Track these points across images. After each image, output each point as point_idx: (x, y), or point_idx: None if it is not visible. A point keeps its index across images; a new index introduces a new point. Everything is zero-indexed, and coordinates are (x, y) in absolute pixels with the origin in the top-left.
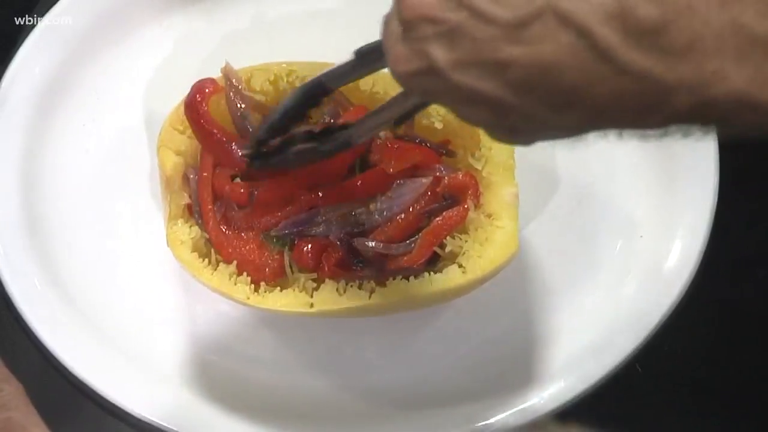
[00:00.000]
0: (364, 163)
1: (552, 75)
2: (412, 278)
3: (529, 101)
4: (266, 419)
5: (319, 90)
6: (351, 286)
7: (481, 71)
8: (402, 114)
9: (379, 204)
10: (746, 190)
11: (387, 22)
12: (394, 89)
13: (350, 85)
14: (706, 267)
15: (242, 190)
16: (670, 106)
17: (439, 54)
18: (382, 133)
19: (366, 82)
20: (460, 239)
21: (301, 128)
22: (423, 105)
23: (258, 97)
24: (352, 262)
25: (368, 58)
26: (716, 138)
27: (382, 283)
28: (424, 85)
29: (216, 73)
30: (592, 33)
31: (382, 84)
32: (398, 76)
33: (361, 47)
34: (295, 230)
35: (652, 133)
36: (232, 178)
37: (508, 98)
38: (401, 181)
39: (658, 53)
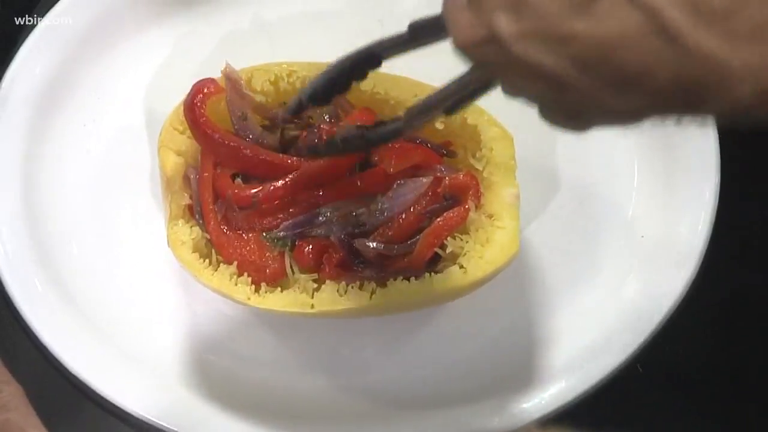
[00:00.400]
0: (365, 162)
1: (615, 52)
2: (412, 279)
3: (590, 79)
4: (266, 419)
5: (369, 58)
6: (351, 287)
7: (544, 43)
8: (455, 101)
9: (379, 204)
10: (747, 190)
11: None
12: (396, 91)
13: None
14: (707, 267)
15: (244, 191)
16: (733, 92)
17: (504, 24)
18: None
19: (367, 83)
20: (461, 240)
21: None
22: (478, 91)
23: (258, 98)
24: (353, 263)
25: (422, 31)
26: (718, 138)
27: (382, 284)
28: (486, 56)
29: (216, 74)
30: (662, 13)
31: (383, 85)
32: (460, 44)
33: (415, 20)
34: (296, 231)
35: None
36: (233, 178)
37: (568, 74)
38: (402, 181)
39: (725, 37)
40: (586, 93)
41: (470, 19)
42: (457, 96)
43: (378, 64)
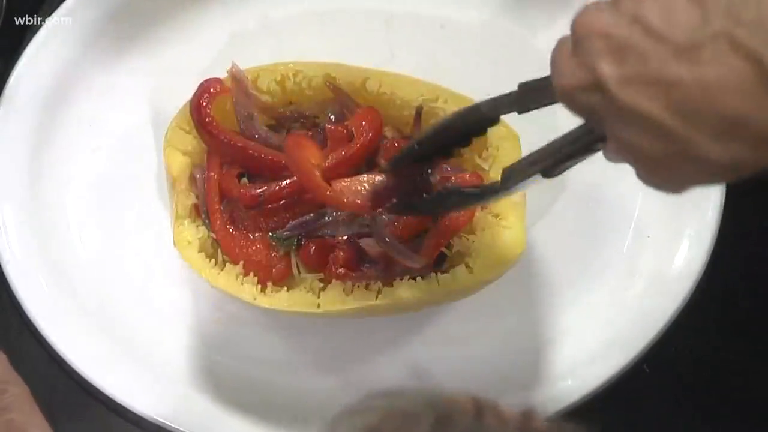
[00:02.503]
0: (371, 163)
1: (719, 99)
2: (419, 278)
3: (692, 125)
4: (272, 419)
5: (475, 116)
6: (358, 286)
7: (646, 88)
8: (554, 161)
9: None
10: (754, 191)
11: (559, 42)
12: (402, 90)
13: (357, 85)
14: (713, 267)
15: (250, 191)
16: None
17: (607, 69)
18: (389, 134)
19: (373, 83)
20: (467, 239)
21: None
22: (578, 152)
23: (264, 98)
24: (360, 263)
25: (532, 90)
26: None
27: (388, 284)
28: (587, 101)
29: (223, 74)
30: (763, 61)
31: (389, 85)
32: (562, 90)
33: (526, 81)
34: (302, 231)
35: None
36: (239, 178)
37: (669, 120)
38: None
39: None
40: (687, 140)
41: (574, 65)
42: (557, 157)
43: (486, 122)
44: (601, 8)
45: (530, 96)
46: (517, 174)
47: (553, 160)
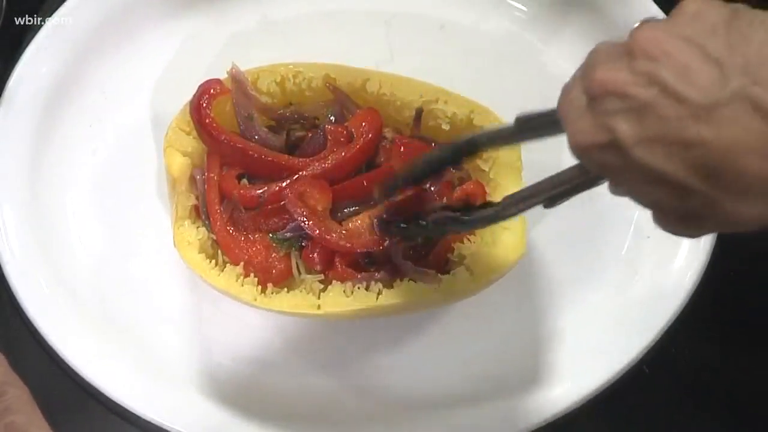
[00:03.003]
0: (370, 163)
1: (739, 159)
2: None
3: (712, 185)
4: (272, 419)
5: (471, 148)
6: (358, 287)
7: (665, 149)
8: (558, 193)
9: None
10: None
11: (567, 91)
12: (402, 92)
13: (357, 86)
14: (713, 268)
15: (250, 192)
16: None
17: (625, 129)
18: (389, 135)
19: (373, 84)
20: (468, 241)
21: (437, 204)
22: (584, 186)
23: (264, 99)
24: (365, 264)
25: (529, 125)
26: None
27: (389, 285)
28: (604, 160)
29: (223, 75)
30: None
31: (389, 86)
32: (577, 148)
33: (523, 114)
34: (303, 232)
35: None
36: (239, 178)
37: (689, 179)
38: None
39: None
40: (707, 199)
41: (590, 123)
42: (562, 189)
43: (478, 152)
44: (616, 66)
45: (528, 131)
46: (517, 203)
47: (557, 192)
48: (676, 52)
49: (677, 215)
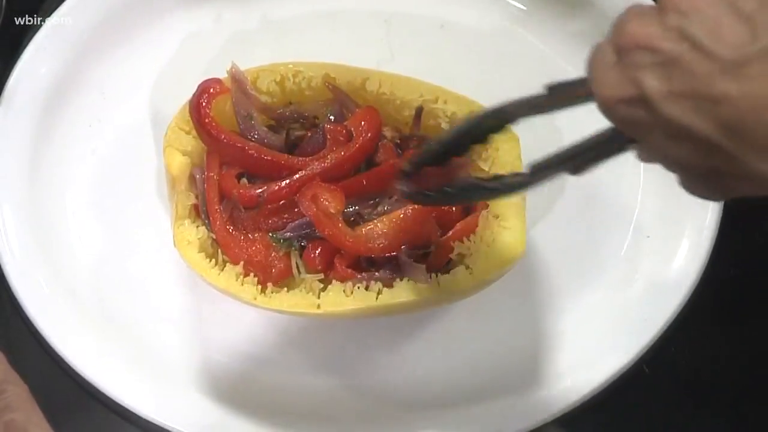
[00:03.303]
0: (370, 162)
1: (765, 114)
2: None
3: (738, 141)
4: (272, 419)
5: (499, 117)
6: (358, 287)
7: (693, 104)
8: (585, 160)
9: (386, 206)
10: None
11: (599, 49)
12: (402, 91)
13: (356, 85)
14: (713, 267)
15: (249, 191)
16: None
17: (653, 83)
18: (388, 134)
19: (373, 83)
20: (468, 240)
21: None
22: (611, 152)
23: (264, 98)
24: (365, 264)
25: (560, 91)
26: None
27: (389, 285)
28: (631, 115)
29: (222, 74)
30: None
31: (389, 85)
32: (604, 103)
33: (554, 82)
34: (303, 232)
35: None
36: (239, 178)
37: (716, 136)
38: None
39: None
40: (733, 156)
41: (618, 76)
42: (588, 155)
43: (507, 122)
44: (646, 21)
45: (558, 99)
46: (544, 170)
47: (583, 158)
48: (706, 7)
49: (702, 175)
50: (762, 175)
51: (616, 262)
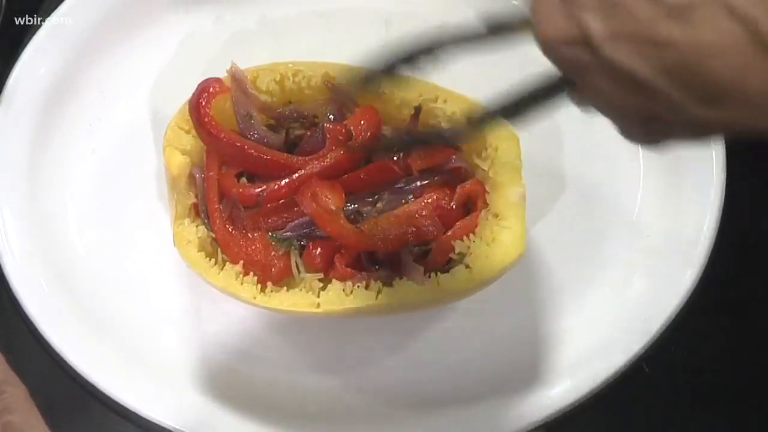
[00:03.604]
0: (369, 161)
1: (709, 61)
2: None
3: (679, 86)
4: (272, 419)
5: (432, 45)
6: (358, 286)
7: (637, 47)
8: (518, 104)
9: (385, 203)
10: (753, 189)
11: None
12: (400, 90)
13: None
14: (713, 266)
15: (248, 191)
16: None
17: (597, 24)
18: (387, 133)
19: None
20: (468, 240)
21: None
22: (546, 95)
23: (263, 98)
24: (365, 263)
25: (498, 27)
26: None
27: (388, 284)
28: (572, 56)
29: (222, 73)
30: (758, 24)
31: (389, 84)
32: (545, 40)
33: (493, 16)
34: (302, 231)
35: None
36: (238, 177)
37: (657, 80)
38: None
39: None
40: (672, 101)
41: (561, 15)
42: (523, 101)
43: (439, 46)
44: None
45: (494, 33)
46: (479, 117)
47: (515, 104)
48: None
49: (642, 120)
50: (700, 120)
51: (615, 262)
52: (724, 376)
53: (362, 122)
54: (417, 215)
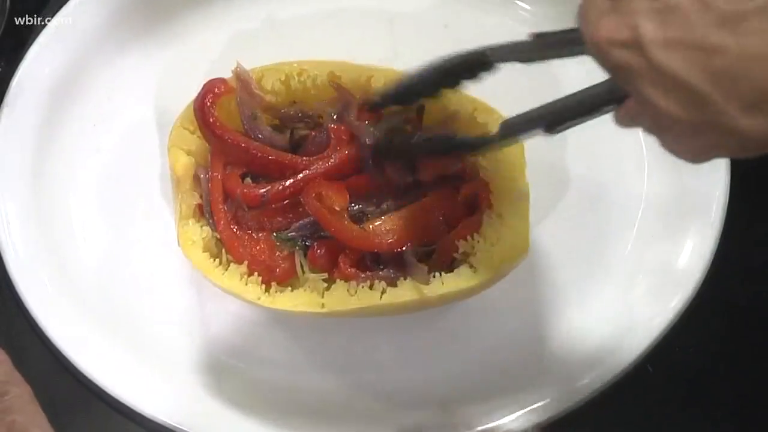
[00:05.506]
0: (377, 165)
1: (757, 70)
2: None
3: (726, 94)
4: (276, 418)
5: (479, 59)
6: (362, 286)
7: (687, 53)
8: (562, 117)
9: (389, 204)
10: (757, 190)
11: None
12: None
13: (361, 82)
14: (717, 267)
15: (253, 191)
16: None
17: (649, 29)
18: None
19: (377, 81)
20: (472, 240)
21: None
22: (591, 111)
23: (269, 98)
24: (370, 263)
25: (547, 39)
26: None
27: (393, 284)
28: (621, 58)
29: (227, 73)
30: None
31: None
32: (596, 42)
33: (543, 32)
34: (307, 232)
35: None
36: (243, 177)
37: (705, 87)
38: None
39: None
40: (720, 109)
41: (612, 18)
42: (563, 114)
43: (487, 66)
44: None
45: (543, 47)
46: (516, 127)
47: (559, 116)
48: None
49: (685, 130)
50: (744, 131)
51: (619, 262)
52: (728, 377)
53: (366, 122)
54: (421, 215)
